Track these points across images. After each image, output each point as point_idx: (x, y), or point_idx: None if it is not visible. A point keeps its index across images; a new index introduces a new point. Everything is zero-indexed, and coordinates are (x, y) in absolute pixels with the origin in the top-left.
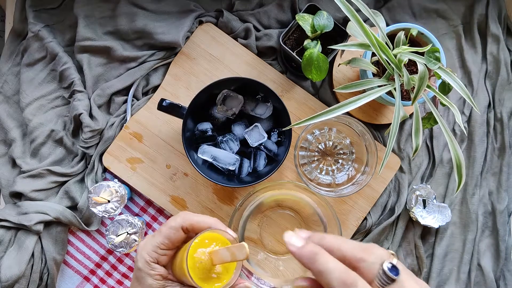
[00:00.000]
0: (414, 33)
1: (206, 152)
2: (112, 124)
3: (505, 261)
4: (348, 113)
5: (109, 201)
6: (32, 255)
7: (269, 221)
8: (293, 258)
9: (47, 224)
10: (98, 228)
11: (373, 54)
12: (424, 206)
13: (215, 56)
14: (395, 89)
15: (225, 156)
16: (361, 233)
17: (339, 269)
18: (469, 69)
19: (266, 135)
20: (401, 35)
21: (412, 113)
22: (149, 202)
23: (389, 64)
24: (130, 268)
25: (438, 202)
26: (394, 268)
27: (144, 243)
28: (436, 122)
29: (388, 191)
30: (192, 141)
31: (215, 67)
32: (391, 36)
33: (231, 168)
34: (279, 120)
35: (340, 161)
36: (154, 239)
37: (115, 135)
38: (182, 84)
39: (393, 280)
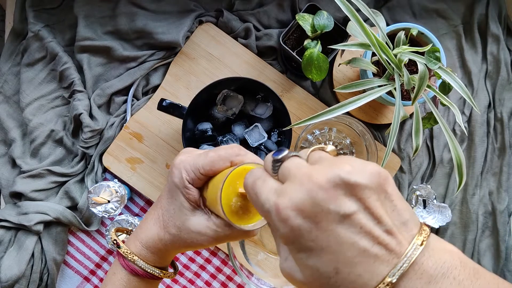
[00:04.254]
0: (414, 33)
1: None
2: (112, 124)
3: (505, 261)
4: (348, 113)
5: (109, 201)
6: (32, 255)
7: None
8: None
9: (47, 224)
10: (98, 228)
11: (373, 54)
12: (424, 206)
13: (215, 56)
14: (395, 89)
15: None
16: None
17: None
18: (469, 69)
19: (266, 135)
20: (401, 35)
21: (412, 113)
22: (149, 202)
23: (389, 64)
24: None
25: (438, 202)
26: (278, 151)
27: (184, 159)
28: (436, 122)
29: None
30: (192, 141)
31: (215, 67)
32: (391, 36)
33: None
34: (279, 120)
35: None
36: (198, 160)
37: (115, 135)
38: (182, 84)
39: (277, 161)
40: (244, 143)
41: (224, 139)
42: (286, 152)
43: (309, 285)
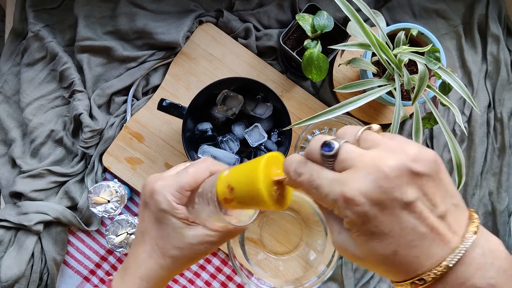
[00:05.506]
0: (414, 33)
1: (206, 152)
2: (112, 124)
3: None
4: (348, 113)
5: (109, 201)
6: (32, 255)
7: (269, 221)
8: (293, 258)
9: (47, 224)
10: (98, 228)
11: (373, 54)
12: None
13: (215, 56)
14: (395, 89)
15: (225, 156)
16: None
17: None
18: (469, 69)
19: (266, 135)
20: (401, 35)
21: (412, 113)
22: None
23: (389, 64)
24: None
25: None
26: (326, 145)
27: (163, 184)
28: (436, 122)
29: None
30: (192, 141)
31: (215, 67)
32: (391, 36)
33: None
34: (279, 120)
35: None
36: (179, 179)
37: (115, 135)
38: (182, 84)
39: (331, 156)
40: (244, 143)
41: (224, 139)
42: (337, 144)
43: (364, 259)
